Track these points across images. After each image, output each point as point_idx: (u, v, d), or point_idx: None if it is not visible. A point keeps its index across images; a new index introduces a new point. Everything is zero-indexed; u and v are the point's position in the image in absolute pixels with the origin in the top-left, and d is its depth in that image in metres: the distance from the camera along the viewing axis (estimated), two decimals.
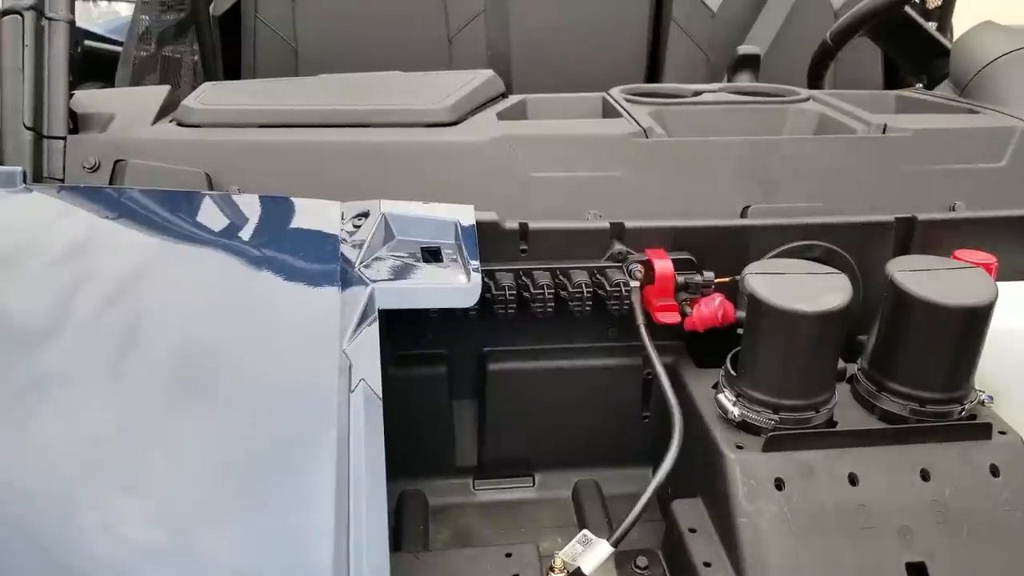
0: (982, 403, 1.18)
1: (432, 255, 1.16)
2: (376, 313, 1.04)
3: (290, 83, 1.78)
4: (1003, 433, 1.15)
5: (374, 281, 1.08)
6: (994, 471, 1.10)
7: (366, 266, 1.11)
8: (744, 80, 2.16)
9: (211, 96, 1.51)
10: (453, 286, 1.10)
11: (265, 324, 1.02)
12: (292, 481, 0.81)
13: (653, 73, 2.89)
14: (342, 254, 1.11)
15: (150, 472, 0.81)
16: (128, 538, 0.76)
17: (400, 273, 1.11)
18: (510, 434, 1.39)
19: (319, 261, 1.11)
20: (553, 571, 1.07)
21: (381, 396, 0.92)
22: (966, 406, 1.15)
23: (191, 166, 1.33)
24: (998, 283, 1.35)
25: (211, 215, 1.21)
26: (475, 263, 1.14)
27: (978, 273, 1.18)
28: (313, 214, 1.20)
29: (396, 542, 1.25)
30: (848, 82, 2.73)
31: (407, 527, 1.28)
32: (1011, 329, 1.27)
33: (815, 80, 2.25)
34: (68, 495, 0.78)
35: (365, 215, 1.19)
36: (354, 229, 1.17)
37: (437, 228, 1.19)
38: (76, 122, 1.40)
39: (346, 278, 1.07)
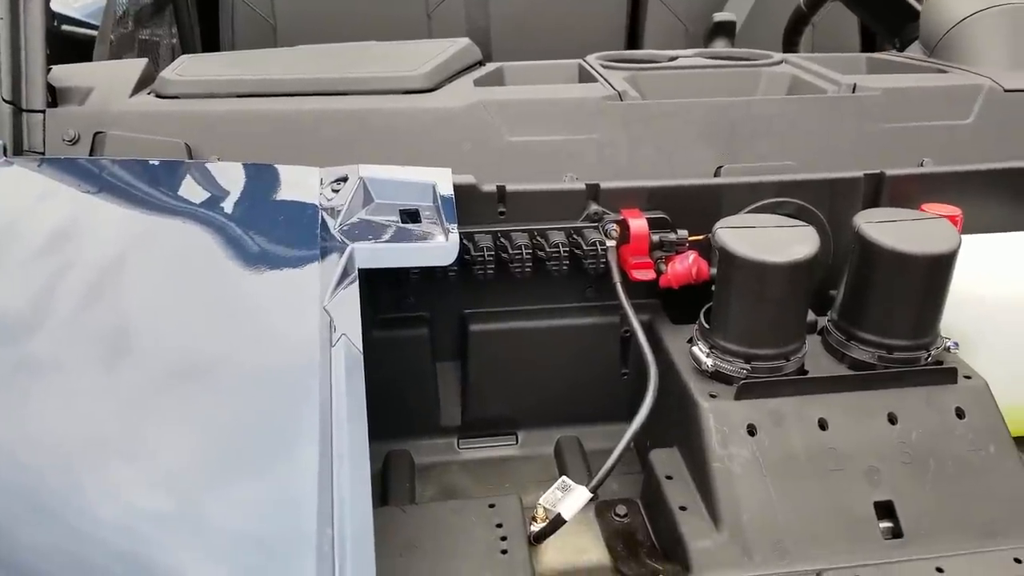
0: (948, 349, 1.22)
1: (410, 216, 1.18)
2: (356, 272, 1.06)
3: (267, 54, 1.79)
4: (968, 377, 1.19)
5: (353, 242, 1.10)
6: (959, 413, 1.14)
7: (345, 228, 1.13)
8: (720, 46, 2.19)
9: (189, 67, 1.52)
10: (431, 245, 1.13)
11: (247, 287, 1.04)
12: (276, 435, 0.84)
13: (632, 44, 2.90)
14: (321, 217, 1.13)
15: (136, 432, 0.83)
16: (115, 503, 0.77)
17: (379, 234, 1.13)
18: (493, 394, 1.42)
19: (299, 225, 1.13)
20: (535, 520, 1.10)
21: (362, 350, 0.95)
22: (932, 352, 1.19)
23: (170, 137, 1.35)
24: (964, 235, 1.39)
25: (191, 184, 1.22)
26: (452, 223, 1.16)
27: (942, 223, 1.21)
28: (292, 180, 1.22)
29: (383, 499, 1.28)
30: (826, 48, 2.75)
31: (393, 485, 1.31)
32: (976, 279, 1.32)
33: (790, 45, 2.27)
34: (65, 468, 0.79)
35: (344, 180, 1.21)
36: (333, 194, 1.19)
37: (415, 191, 1.21)
38: (55, 96, 1.41)
39: (326, 240, 1.09)
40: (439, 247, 1.13)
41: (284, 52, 1.78)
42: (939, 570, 0.99)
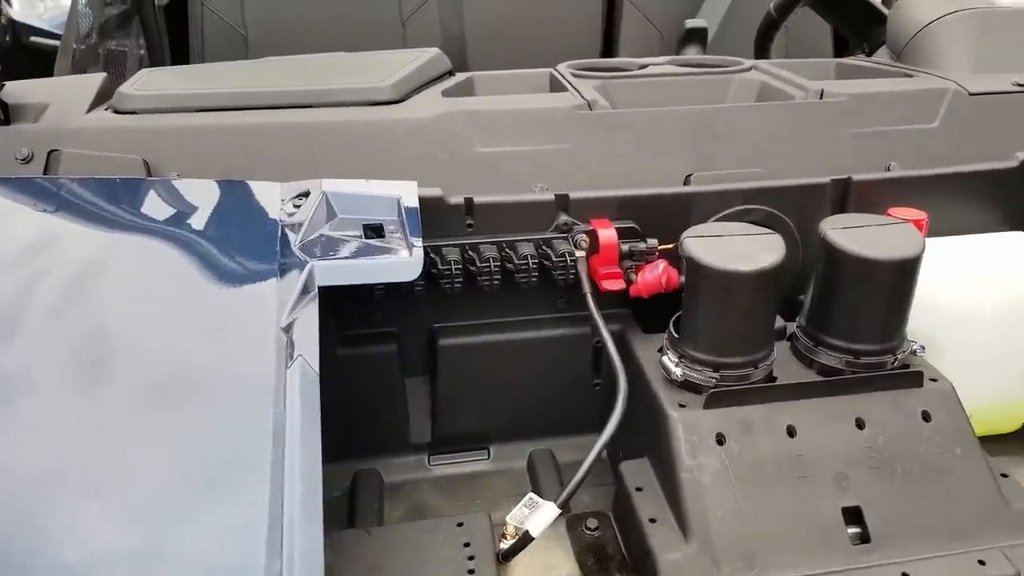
0: (914, 353, 1.22)
1: (375, 232, 1.17)
2: (316, 290, 1.04)
3: (231, 67, 1.76)
4: (934, 380, 1.19)
5: (313, 259, 1.08)
6: (926, 416, 1.14)
7: (306, 245, 1.12)
8: (692, 53, 2.19)
9: (148, 82, 1.50)
10: (394, 260, 1.11)
11: (204, 308, 1.02)
12: (226, 462, 0.82)
13: (608, 51, 2.90)
14: (281, 234, 1.12)
15: (84, 459, 0.81)
16: (57, 533, 0.75)
17: (341, 250, 1.12)
18: (463, 408, 1.40)
19: (258, 242, 1.11)
20: (505, 537, 1.09)
21: (318, 371, 0.93)
22: (899, 356, 1.19)
23: (128, 153, 1.32)
24: (931, 239, 1.40)
25: (148, 202, 1.20)
26: (417, 238, 1.15)
27: (906, 228, 1.21)
28: (252, 196, 1.20)
29: (350, 520, 1.26)
30: (800, 54, 2.77)
31: (361, 506, 1.29)
32: (942, 282, 1.32)
33: (762, 51, 2.28)
34: (7, 495, 0.77)
35: (306, 195, 1.20)
36: (294, 209, 1.17)
37: (379, 205, 1.19)
38: (7, 113, 1.38)
39: (285, 257, 1.07)
40: (402, 263, 1.12)
41: (247, 65, 1.76)
42: (905, 575, 0.98)
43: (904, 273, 1.15)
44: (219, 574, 0.72)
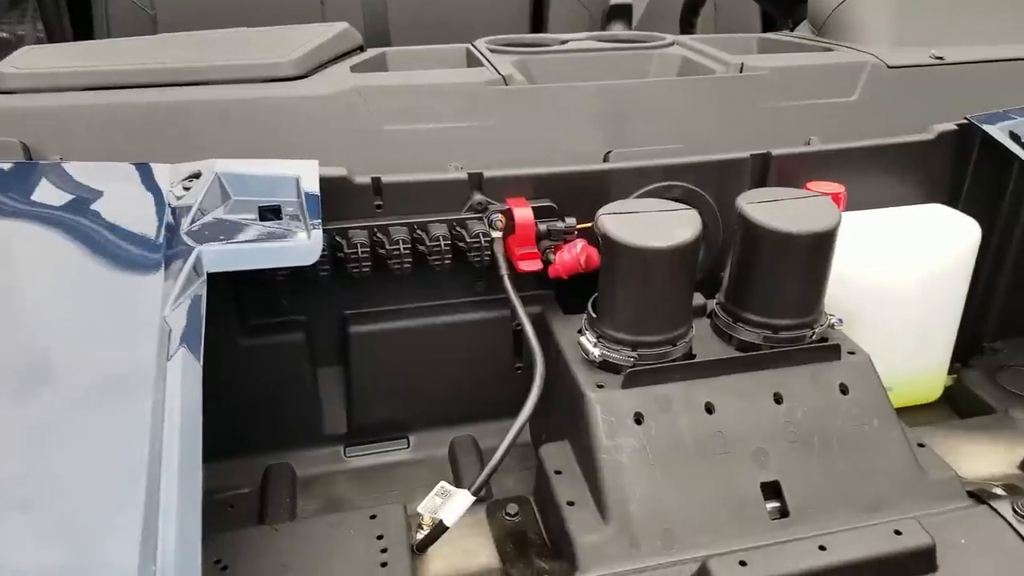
0: (832, 326, 1.21)
1: (273, 213, 1.11)
2: (204, 277, 0.98)
3: (122, 43, 1.65)
4: (852, 353, 1.18)
5: (202, 244, 1.01)
6: (843, 389, 1.14)
7: (196, 229, 1.05)
8: (617, 29, 2.16)
9: (30, 59, 1.39)
10: (291, 244, 1.05)
11: (82, 299, 0.95)
12: (99, 461, 0.76)
13: (537, 29, 2.86)
14: (168, 218, 1.04)
15: None
16: None
17: (233, 234, 1.05)
18: (380, 398, 1.35)
19: (142, 228, 1.04)
20: (422, 528, 1.05)
21: (202, 362, 0.87)
22: (817, 330, 1.18)
23: (5, 136, 1.23)
24: (848, 212, 1.40)
25: (24, 188, 1.11)
26: (317, 220, 1.09)
27: (823, 201, 1.20)
28: (138, 179, 1.12)
29: (261, 517, 1.21)
30: (729, 32, 2.77)
31: (271, 502, 1.24)
32: (860, 254, 1.32)
33: (687, 27, 2.27)
34: None
35: (197, 176, 1.12)
36: (184, 192, 1.10)
37: (277, 186, 1.13)
38: None
39: (171, 243, 1.00)
40: (300, 246, 1.05)
41: (140, 41, 1.65)
42: (822, 548, 0.97)
43: (820, 246, 1.13)
44: None
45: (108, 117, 1.28)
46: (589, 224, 1.28)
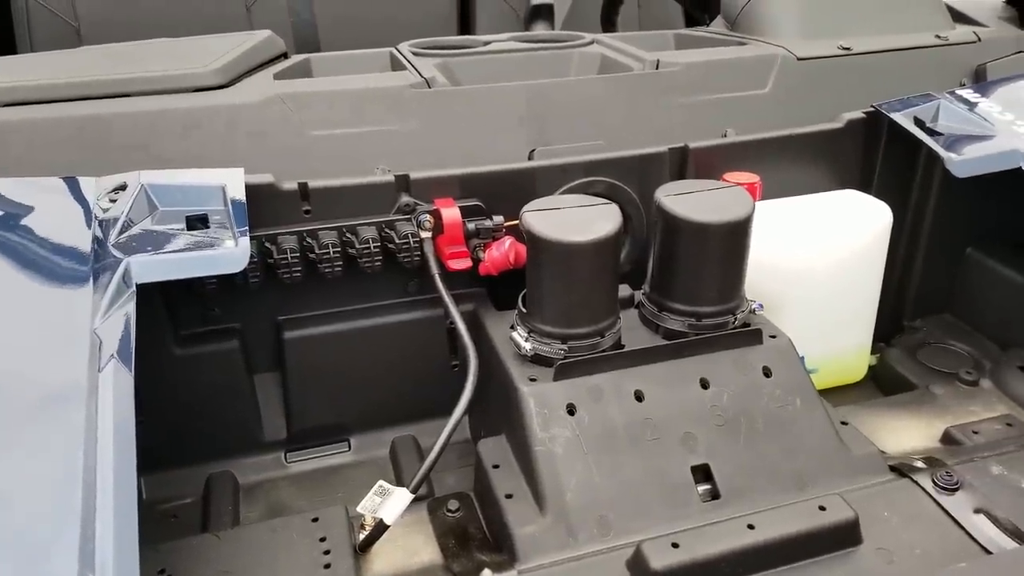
0: (753, 312, 1.27)
1: (200, 222, 1.10)
2: (133, 288, 0.97)
3: (42, 57, 1.61)
4: (773, 337, 1.23)
5: (130, 255, 1.01)
6: (766, 372, 1.19)
7: (124, 241, 1.04)
8: (540, 29, 2.20)
9: None
10: (218, 252, 1.05)
11: (14, 313, 0.94)
12: (32, 474, 0.76)
13: (464, 31, 2.88)
14: (95, 231, 1.03)
15: None
16: None
17: (161, 244, 1.05)
18: (318, 402, 1.36)
19: (68, 242, 1.02)
20: (364, 528, 1.06)
21: (133, 374, 0.87)
22: (739, 316, 1.23)
23: None
24: (763, 201, 1.46)
25: None
26: (243, 227, 1.09)
27: (737, 191, 1.25)
28: (62, 193, 1.11)
29: (204, 526, 1.20)
30: (652, 28, 2.83)
31: (214, 510, 1.23)
32: (777, 241, 1.38)
33: (608, 25, 2.32)
34: None
35: (123, 188, 1.11)
36: (110, 204, 1.09)
37: (203, 195, 1.12)
38: None
39: (99, 256, 1.00)
40: (227, 254, 1.06)
41: (63, 54, 1.62)
42: (750, 527, 1.01)
43: (736, 234, 1.18)
44: None
45: (32, 132, 1.25)
46: (516, 221, 1.31)
